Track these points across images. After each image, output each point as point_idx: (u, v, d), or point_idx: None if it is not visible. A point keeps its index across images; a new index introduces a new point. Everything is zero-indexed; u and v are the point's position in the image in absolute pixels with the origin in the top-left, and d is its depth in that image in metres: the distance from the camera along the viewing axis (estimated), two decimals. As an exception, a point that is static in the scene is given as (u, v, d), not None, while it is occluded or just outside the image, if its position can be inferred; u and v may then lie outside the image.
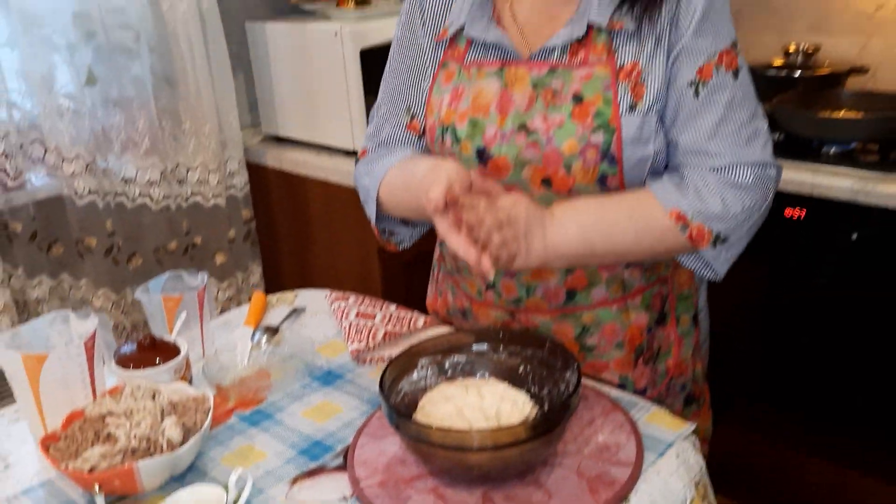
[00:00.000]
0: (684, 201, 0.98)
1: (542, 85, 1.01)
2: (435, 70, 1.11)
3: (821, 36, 2.20)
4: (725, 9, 1.00)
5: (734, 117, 0.99)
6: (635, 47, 0.98)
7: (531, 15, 1.06)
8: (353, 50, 1.98)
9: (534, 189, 1.03)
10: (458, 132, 1.05)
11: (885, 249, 1.65)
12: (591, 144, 0.98)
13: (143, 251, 2.03)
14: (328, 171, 2.08)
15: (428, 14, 1.12)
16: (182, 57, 1.99)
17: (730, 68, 0.99)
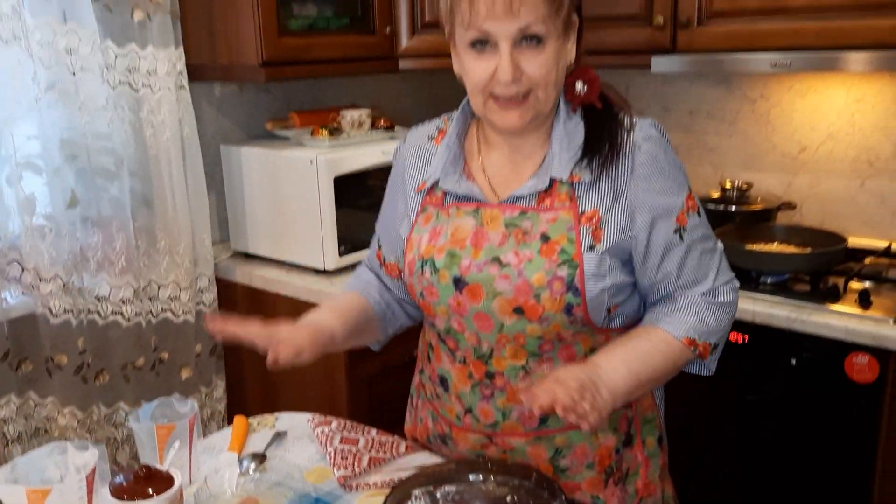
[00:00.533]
0: (689, 327, 1.16)
1: (513, 224, 1.16)
2: (416, 214, 1.25)
3: (752, 173, 2.43)
4: (678, 161, 1.18)
5: (707, 248, 1.19)
6: (594, 196, 1.14)
7: (499, 168, 1.21)
8: (328, 177, 2.10)
9: (505, 317, 1.15)
10: (437, 263, 1.18)
11: (820, 375, 1.80)
12: (557, 277, 1.11)
13: (110, 368, 2.04)
14: (298, 289, 2.15)
15: (410, 171, 1.29)
16: (161, 179, 2.08)
17: (694, 210, 1.18)
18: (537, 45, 1.06)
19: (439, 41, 2.34)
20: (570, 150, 1.15)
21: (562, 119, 1.16)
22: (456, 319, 1.19)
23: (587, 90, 1.15)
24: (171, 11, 2.03)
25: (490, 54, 1.07)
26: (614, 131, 1.15)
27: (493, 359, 1.19)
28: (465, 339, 1.20)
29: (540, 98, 1.10)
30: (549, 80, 1.09)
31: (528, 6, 1.03)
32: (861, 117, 2.22)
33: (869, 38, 1.82)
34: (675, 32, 2.10)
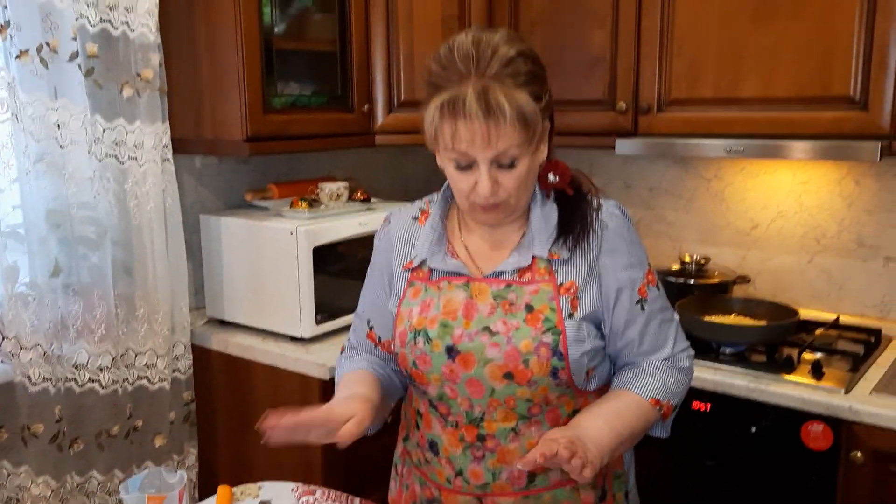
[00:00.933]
0: (653, 389, 1.28)
1: (500, 296, 1.26)
2: (403, 289, 1.35)
3: (708, 248, 2.57)
4: (639, 239, 1.33)
5: (665, 318, 1.32)
6: (570, 270, 1.27)
7: (479, 246, 1.33)
8: (307, 247, 2.17)
9: (496, 382, 1.24)
10: (430, 333, 1.27)
11: (779, 443, 1.90)
12: (543, 343, 1.22)
13: (85, 436, 2.04)
14: (275, 357, 2.19)
15: (396, 251, 1.38)
16: (143, 248, 2.12)
17: (653, 283, 1.31)
18: (510, 166, 1.18)
19: (413, 119, 2.45)
20: (546, 230, 1.27)
21: (538, 203, 1.29)
22: (449, 386, 1.27)
23: (559, 180, 1.29)
24: (160, 88, 2.11)
25: (471, 172, 1.19)
26: (584, 212, 1.28)
27: (484, 422, 1.27)
28: (457, 404, 1.28)
29: (512, 203, 1.23)
30: (521, 190, 1.22)
31: (505, 137, 1.14)
32: (807, 198, 2.39)
33: (813, 128, 1.99)
34: (637, 117, 2.25)
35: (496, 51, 1.14)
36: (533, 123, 1.15)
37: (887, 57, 1.87)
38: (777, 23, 2.01)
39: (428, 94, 1.18)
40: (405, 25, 2.44)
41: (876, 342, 2.16)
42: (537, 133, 1.18)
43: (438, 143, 1.19)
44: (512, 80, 1.14)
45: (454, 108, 1.13)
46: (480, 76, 1.13)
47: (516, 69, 1.14)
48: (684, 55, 2.16)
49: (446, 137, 1.16)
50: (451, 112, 1.13)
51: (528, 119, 1.14)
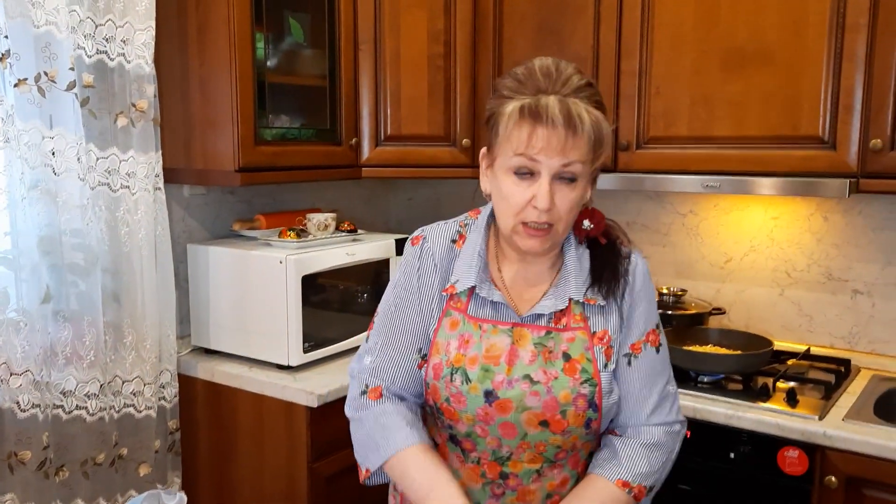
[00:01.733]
0: (622, 470, 1.27)
1: (541, 344, 1.28)
2: (440, 317, 1.33)
3: (684, 280, 2.65)
4: (654, 296, 1.34)
5: (654, 384, 1.31)
6: (603, 318, 1.29)
7: (515, 280, 1.34)
8: (296, 276, 2.21)
9: (530, 428, 1.26)
10: (470, 374, 1.27)
11: (756, 468, 1.96)
12: (581, 395, 1.25)
13: (70, 463, 2.03)
14: (262, 384, 2.21)
15: (439, 269, 1.34)
16: (133, 275, 2.14)
17: (654, 345, 1.32)
18: (570, 182, 1.20)
19: (399, 153, 2.56)
20: (582, 273, 1.30)
21: (572, 245, 1.32)
22: (480, 426, 1.28)
23: (593, 228, 1.30)
24: (154, 119, 2.15)
25: (529, 182, 1.20)
26: (616, 262, 1.31)
27: (510, 461, 1.29)
28: (485, 443, 1.29)
29: (559, 231, 1.24)
30: (571, 216, 1.24)
31: (577, 148, 1.17)
32: (778, 233, 2.49)
33: (784, 166, 2.09)
34: (617, 154, 2.34)
35: (571, 76, 1.19)
36: (604, 144, 1.20)
37: (853, 99, 1.99)
38: (746, 71, 2.12)
39: (499, 104, 1.21)
40: (392, 62, 2.51)
41: (846, 372, 2.24)
42: (603, 154, 1.22)
43: (503, 151, 1.20)
44: (587, 101, 1.18)
45: (536, 111, 1.16)
46: (557, 92, 1.17)
47: (591, 93, 1.20)
48: (661, 96, 2.26)
49: (521, 139, 1.17)
50: (532, 114, 1.16)
51: (601, 134, 1.19)
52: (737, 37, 2.12)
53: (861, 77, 1.98)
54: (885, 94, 1.95)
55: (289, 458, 2.18)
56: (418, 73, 2.53)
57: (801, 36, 2.03)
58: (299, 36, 2.36)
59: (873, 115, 1.97)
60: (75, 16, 1.95)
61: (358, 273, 2.41)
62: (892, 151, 1.96)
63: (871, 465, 1.82)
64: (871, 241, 2.34)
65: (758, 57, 2.10)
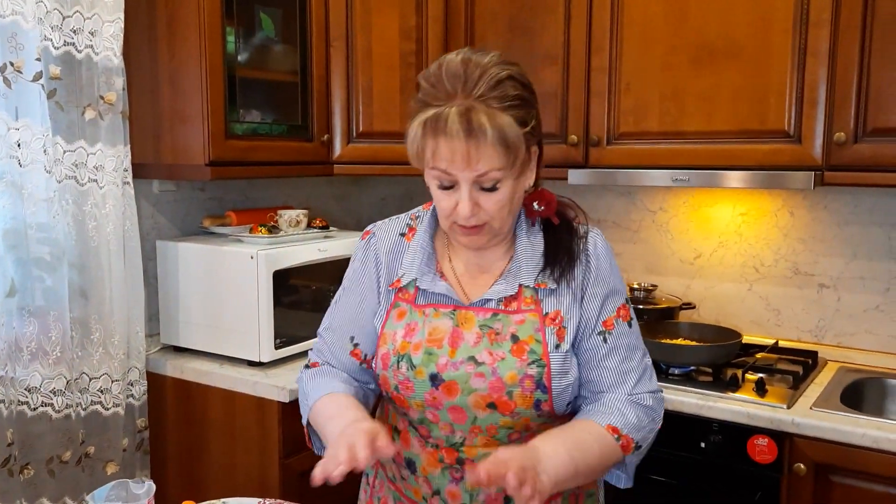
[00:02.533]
0: (613, 418, 1.25)
1: (486, 326, 1.27)
2: (388, 309, 1.34)
3: (654, 276, 2.68)
4: (618, 272, 1.33)
5: (632, 357, 1.30)
6: (555, 299, 1.27)
7: (466, 269, 1.33)
8: (267, 271, 2.19)
9: (479, 411, 1.25)
10: (414, 360, 1.27)
11: (727, 457, 1.98)
12: (528, 375, 1.23)
13: (35, 461, 1.99)
14: (233, 381, 2.18)
15: (383, 263, 1.36)
16: (100, 270, 2.11)
17: (625, 320, 1.31)
18: (493, 187, 1.18)
19: (371, 150, 2.55)
20: (533, 258, 1.28)
21: (524, 230, 1.30)
22: (431, 412, 1.27)
23: (544, 209, 1.29)
24: (122, 112, 2.12)
25: (453, 192, 1.19)
26: (571, 242, 1.29)
27: (464, 446, 1.28)
28: (438, 429, 1.29)
29: (495, 227, 1.23)
30: (504, 213, 1.22)
31: (486, 158, 1.14)
32: (746, 229, 2.52)
33: (752, 160, 2.12)
34: (588, 150, 2.36)
35: (485, 72, 1.15)
36: (514, 148, 1.15)
37: (817, 94, 2.03)
38: (715, 66, 2.15)
39: (414, 111, 1.18)
40: (364, 59, 2.52)
41: (813, 363, 2.28)
42: (520, 158, 1.18)
43: (421, 161, 1.20)
44: (498, 102, 1.14)
45: (436, 126, 1.14)
46: (467, 96, 1.14)
47: (504, 92, 1.15)
48: (631, 92, 2.29)
49: (428, 155, 1.17)
50: (433, 129, 1.14)
51: (509, 142, 1.14)
52: (705, 32, 2.15)
53: (825, 72, 2.02)
54: (848, 88, 1.99)
55: (261, 455, 2.16)
56: (390, 70, 2.53)
57: (768, 31, 2.07)
58: (270, 31, 2.36)
59: (836, 108, 2.01)
60: (42, 7, 1.93)
61: (329, 270, 2.40)
62: (855, 144, 2.00)
63: (839, 452, 1.84)
64: (836, 236, 2.39)
65: (726, 52, 2.13)
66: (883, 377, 2.22)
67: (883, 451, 1.79)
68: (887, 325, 2.34)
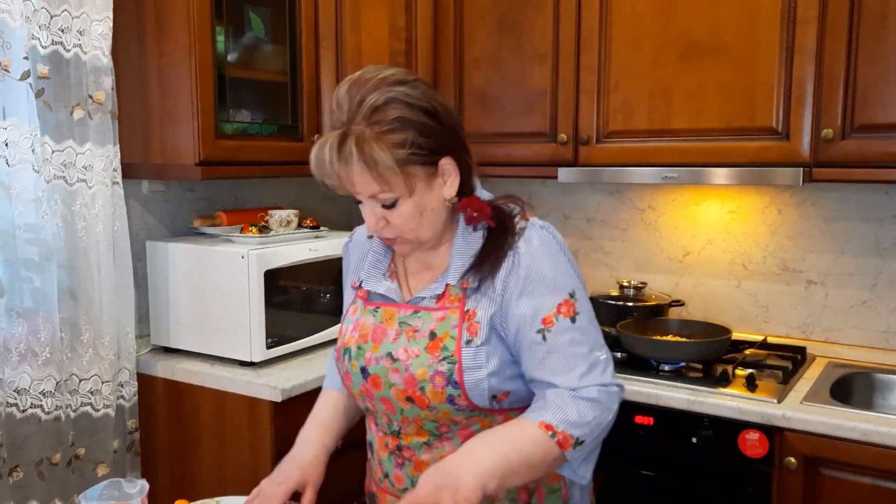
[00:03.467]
0: (548, 414, 1.22)
1: (405, 323, 1.32)
2: (348, 305, 1.44)
3: (643, 274, 2.69)
4: (564, 266, 1.29)
5: (575, 353, 1.26)
6: (477, 296, 1.29)
7: (415, 268, 1.39)
8: (259, 271, 2.19)
9: (402, 404, 1.30)
10: (351, 353, 1.36)
11: (718, 451, 1.99)
12: (438, 372, 1.26)
13: (24, 464, 1.97)
14: (224, 381, 2.17)
15: (352, 266, 1.48)
16: (89, 271, 2.09)
17: (567, 315, 1.26)
18: (392, 204, 1.23)
19: (362, 149, 2.54)
20: (463, 258, 1.30)
21: (460, 232, 1.32)
22: (369, 401, 1.36)
23: (478, 215, 1.30)
24: (111, 111, 2.11)
25: (364, 206, 1.27)
26: (504, 241, 1.29)
27: (401, 435, 1.34)
28: (379, 417, 1.37)
29: (409, 238, 1.28)
30: (412, 226, 1.26)
31: (360, 183, 1.20)
32: (734, 226, 2.54)
33: (740, 157, 2.14)
34: (577, 148, 2.38)
35: (363, 99, 1.18)
36: (387, 173, 1.18)
37: (805, 91, 2.05)
38: (703, 64, 2.17)
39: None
40: (353, 59, 2.51)
41: (802, 359, 2.30)
42: (403, 180, 1.20)
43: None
44: (376, 127, 1.17)
45: (319, 151, 1.21)
46: (349, 123, 1.19)
47: (382, 117, 1.17)
48: (620, 91, 2.31)
49: (320, 176, 1.24)
50: (318, 154, 1.22)
51: (379, 168, 1.17)
52: (693, 30, 2.17)
53: (812, 69, 2.04)
54: (835, 85, 2.02)
55: (252, 455, 2.15)
56: (380, 70, 2.53)
57: (755, 29, 2.09)
58: (259, 30, 2.35)
59: (824, 105, 2.03)
60: (29, 5, 1.91)
61: (320, 270, 2.40)
62: (842, 141, 2.02)
63: (829, 445, 1.86)
64: (824, 232, 2.41)
65: (714, 50, 2.15)
66: (871, 372, 2.24)
67: (872, 444, 1.81)
68: (874, 321, 2.36)
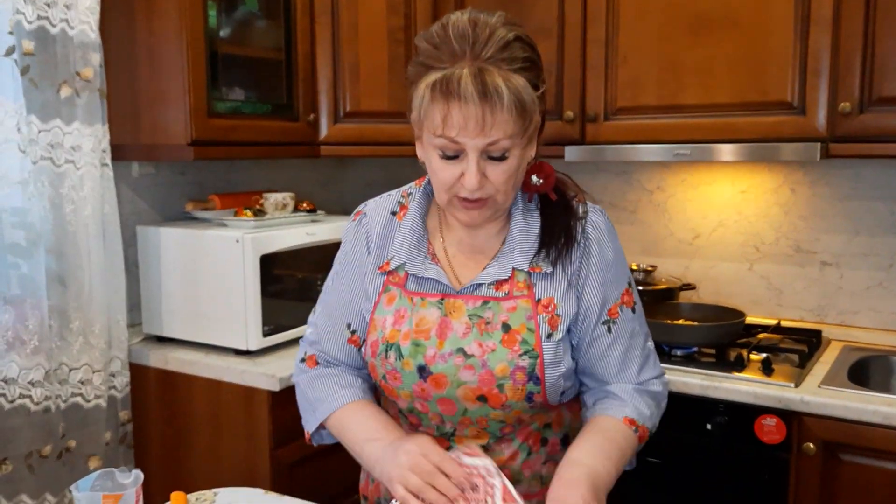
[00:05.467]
0: (628, 409, 1.20)
1: (476, 315, 1.19)
2: (378, 293, 1.26)
3: (652, 258, 2.62)
4: (622, 254, 1.25)
5: (636, 344, 1.24)
6: (550, 285, 1.19)
7: (458, 251, 1.25)
8: (254, 256, 2.11)
9: (468, 404, 1.18)
10: (402, 350, 1.19)
11: (733, 437, 1.92)
12: (519, 367, 1.16)
13: (13, 457, 1.90)
14: (219, 370, 2.10)
15: (374, 245, 1.27)
16: (78, 257, 2.01)
17: (629, 306, 1.24)
18: (501, 156, 1.10)
19: (359, 130, 2.47)
20: (528, 239, 1.20)
21: (520, 208, 1.22)
22: (420, 402, 1.21)
23: (543, 183, 1.21)
24: (100, 90, 2.03)
25: (457, 161, 1.10)
26: (569, 222, 1.21)
27: (455, 437, 1.22)
28: (428, 419, 1.23)
29: (499, 201, 1.15)
30: (509, 185, 1.14)
31: (499, 126, 1.06)
32: (746, 207, 2.46)
33: (754, 133, 2.06)
34: (584, 126, 2.29)
35: (493, 33, 1.07)
36: (529, 112, 1.08)
37: (821, 63, 1.97)
38: (714, 35, 2.09)
39: (417, 74, 1.10)
40: (350, 36, 2.43)
41: (817, 342, 2.22)
42: (532, 124, 1.11)
43: (425, 128, 1.11)
44: (508, 64, 1.06)
45: (448, 89, 1.05)
46: (475, 58, 1.06)
47: (513, 54, 1.07)
48: (628, 66, 2.22)
49: (436, 121, 1.07)
50: (445, 92, 1.05)
51: (525, 106, 1.07)
52: (703, 1, 2.08)
53: (828, 40, 1.96)
54: (853, 56, 1.94)
55: (249, 446, 2.07)
56: (377, 47, 2.45)
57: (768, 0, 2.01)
58: (253, 5, 2.26)
59: (841, 78, 1.95)
60: (12, -23, 1.83)
61: (317, 255, 2.32)
62: (861, 115, 1.94)
63: (849, 430, 1.79)
64: (839, 212, 2.33)
65: (724, 22, 2.07)
66: (889, 354, 2.17)
67: (893, 428, 1.73)
68: (891, 302, 2.28)
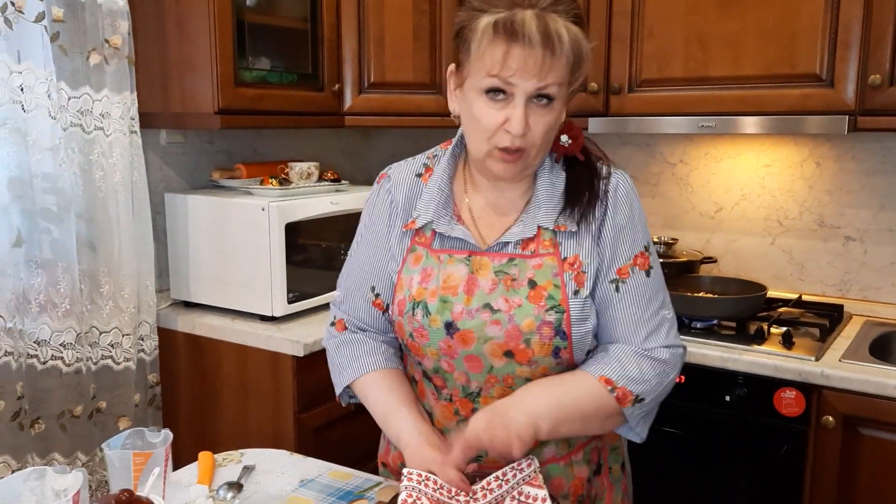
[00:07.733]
0: (608, 369, 1.18)
1: (502, 272, 1.20)
2: (404, 253, 1.27)
3: (674, 231, 2.62)
4: (642, 217, 1.24)
5: (648, 309, 1.21)
6: (575, 243, 1.20)
7: (483, 210, 1.26)
8: (279, 223, 2.13)
9: (495, 360, 1.19)
10: (430, 307, 1.21)
11: (752, 410, 1.93)
12: (546, 322, 1.16)
13: (46, 416, 1.95)
14: (245, 335, 2.14)
15: (399, 207, 1.29)
16: (108, 222, 2.05)
17: (643, 268, 1.21)
18: (547, 104, 1.11)
19: (384, 100, 2.48)
20: (553, 198, 1.21)
21: (546, 168, 1.23)
22: (446, 361, 1.22)
23: (571, 144, 1.22)
24: (128, 56, 2.05)
25: (503, 104, 1.11)
26: (593, 182, 1.22)
27: (480, 397, 1.23)
28: (453, 379, 1.24)
29: (532, 155, 1.15)
30: (546, 140, 1.15)
31: (556, 69, 1.08)
32: (770, 180, 2.45)
33: (781, 106, 2.05)
34: (608, 98, 2.29)
35: None
36: (584, 61, 1.11)
37: (851, 36, 1.94)
38: (742, 7, 2.07)
39: (470, 18, 1.12)
40: (375, 6, 2.43)
41: (839, 317, 2.22)
42: (581, 75, 1.13)
43: (474, 71, 1.12)
44: (565, 14, 1.08)
45: (512, 28, 1.06)
46: (532, 5, 1.08)
47: (568, 6, 1.10)
48: (654, 37, 2.21)
49: (495, 59, 1.08)
50: (509, 31, 1.07)
51: (582, 54, 1.09)
52: (733, -28, 2.06)
53: (859, 12, 1.93)
54: (885, 28, 1.91)
55: (274, 410, 2.12)
56: (403, 17, 2.45)
57: (800, -31, 1.98)
58: (280, -26, 2.27)
59: (872, 50, 1.93)
60: (43, -56, 1.85)
61: (341, 223, 2.34)
62: (891, 87, 1.92)
63: (869, 404, 1.80)
64: (865, 187, 2.32)
65: (754, -8, 2.05)
66: (911, 330, 2.17)
67: (915, 403, 1.74)
68: (915, 279, 2.28)
